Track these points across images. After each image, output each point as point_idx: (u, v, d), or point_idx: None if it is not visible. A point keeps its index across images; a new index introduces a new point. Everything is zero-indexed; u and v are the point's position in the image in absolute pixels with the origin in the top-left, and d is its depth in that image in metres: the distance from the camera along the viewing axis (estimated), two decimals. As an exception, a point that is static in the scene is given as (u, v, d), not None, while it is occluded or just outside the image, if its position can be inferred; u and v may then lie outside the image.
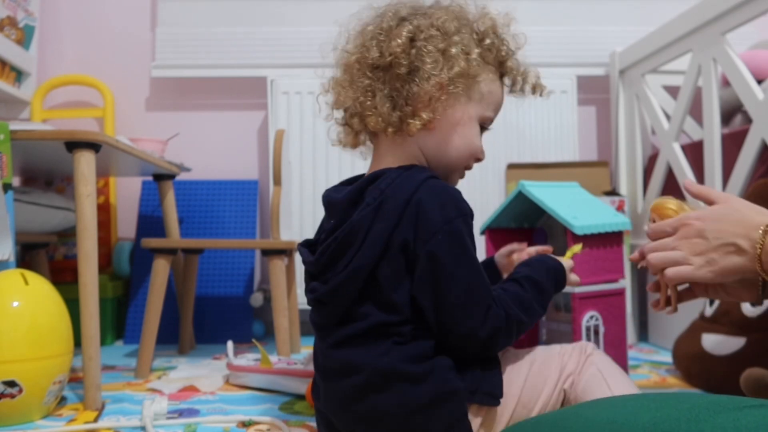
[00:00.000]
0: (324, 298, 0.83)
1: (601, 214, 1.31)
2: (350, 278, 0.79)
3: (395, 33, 0.83)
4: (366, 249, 0.78)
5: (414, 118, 0.83)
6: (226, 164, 2.32)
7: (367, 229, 0.79)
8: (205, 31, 2.29)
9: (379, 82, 0.84)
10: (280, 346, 1.63)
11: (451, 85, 0.83)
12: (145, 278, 2.12)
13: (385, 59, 0.83)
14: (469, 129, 0.86)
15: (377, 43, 0.84)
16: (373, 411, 0.78)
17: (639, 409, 0.52)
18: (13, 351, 1.13)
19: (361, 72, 0.85)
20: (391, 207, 0.78)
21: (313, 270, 0.85)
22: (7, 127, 1.27)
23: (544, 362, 0.87)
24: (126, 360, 1.79)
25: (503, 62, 0.91)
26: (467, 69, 0.83)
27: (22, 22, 2.12)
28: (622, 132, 2.17)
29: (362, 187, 0.83)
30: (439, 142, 0.86)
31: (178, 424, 1.15)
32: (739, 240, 0.77)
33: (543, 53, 2.29)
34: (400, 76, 0.83)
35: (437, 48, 0.82)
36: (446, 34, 0.84)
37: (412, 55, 0.82)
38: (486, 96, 0.88)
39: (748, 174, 1.50)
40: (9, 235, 1.26)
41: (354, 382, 0.79)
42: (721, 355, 1.31)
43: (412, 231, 0.78)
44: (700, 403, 0.51)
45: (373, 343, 0.79)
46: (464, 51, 0.84)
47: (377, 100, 0.83)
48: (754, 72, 1.56)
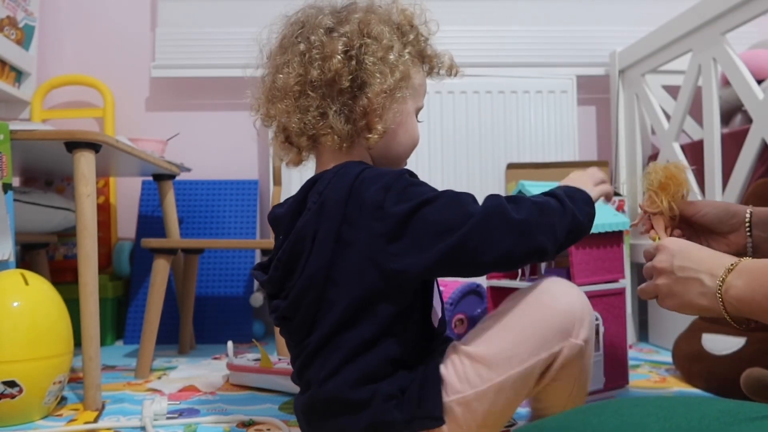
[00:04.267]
0: (287, 313, 0.82)
1: (601, 214, 1.31)
2: (308, 285, 0.78)
3: (330, 49, 0.82)
4: (316, 252, 0.77)
5: (371, 132, 0.83)
6: (226, 164, 2.32)
7: (314, 233, 0.78)
8: (205, 31, 2.28)
9: (327, 100, 0.82)
10: (280, 346, 1.63)
11: (397, 91, 0.83)
12: (145, 278, 2.11)
13: (326, 76, 0.81)
14: (410, 124, 0.89)
15: (312, 61, 0.82)
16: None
17: (647, 417, 0.51)
18: (13, 351, 1.13)
19: (303, 93, 0.83)
20: (332, 205, 0.77)
21: (270, 289, 0.84)
22: (7, 127, 1.27)
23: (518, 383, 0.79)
24: (126, 360, 1.79)
25: (422, 51, 0.91)
26: (405, 71, 0.84)
27: (22, 22, 2.12)
28: (622, 132, 2.17)
29: (303, 195, 0.82)
30: (388, 144, 0.87)
31: (178, 424, 1.15)
32: (702, 275, 0.76)
33: (543, 53, 2.29)
34: (345, 90, 0.82)
35: (377, 57, 0.82)
36: (378, 40, 0.83)
37: (353, 68, 0.82)
38: (418, 88, 0.89)
39: (748, 174, 1.50)
40: (9, 235, 1.26)
41: (304, 401, 0.82)
42: (721, 355, 1.31)
43: (362, 217, 0.76)
44: (709, 413, 0.49)
45: (325, 358, 0.78)
46: (399, 54, 0.84)
47: (330, 119, 0.82)
48: (754, 72, 1.55)
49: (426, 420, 0.76)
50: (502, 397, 0.77)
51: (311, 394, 0.80)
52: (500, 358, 0.77)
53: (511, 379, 0.77)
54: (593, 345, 0.86)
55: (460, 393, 0.77)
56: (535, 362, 0.78)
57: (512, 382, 0.77)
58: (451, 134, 2.17)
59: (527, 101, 2.20)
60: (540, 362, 0.78)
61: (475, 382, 0.77)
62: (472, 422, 0.77)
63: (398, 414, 0.76)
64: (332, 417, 0.78)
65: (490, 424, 0.79)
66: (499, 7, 2.34)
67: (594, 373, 1.21)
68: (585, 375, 0.86)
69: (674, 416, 0.50)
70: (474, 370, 0.77)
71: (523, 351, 0.78)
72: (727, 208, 0.97)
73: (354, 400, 0.76)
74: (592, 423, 0.52)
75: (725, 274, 0.73)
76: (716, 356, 1.32)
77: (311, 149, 0.90)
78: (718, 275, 0.74)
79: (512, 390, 0.78)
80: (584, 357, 0.83)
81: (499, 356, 0.77)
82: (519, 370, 0.77)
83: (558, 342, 0.79)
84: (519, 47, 2.30)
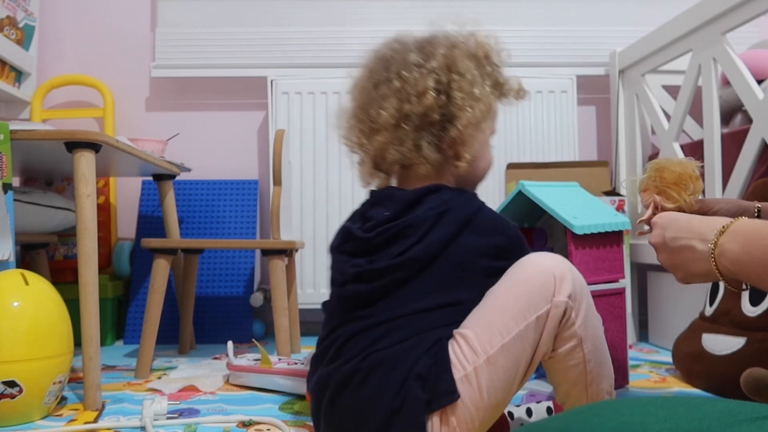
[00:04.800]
0: (367, 276, 0.86)
1: (601, 214, 1.31)
2: (403, 265, 0.84)
3: (422, 85, 0.89)
4: (426, 245, 0.84)
5: (460, 160, 0.91)
6: (226, 164, 2.32)
7: (428, 229, 0.85)
8: (205, 31, 2.29)
9: (420, 132, 0.89)
10: (280, 346, 1.63)
11: (482, 122, 0.91)
12: (145, 278, 2.12)
13: (420, 111, 0.88)
14: (488, 151, 0.97)
15: (408, 97, 0.89)
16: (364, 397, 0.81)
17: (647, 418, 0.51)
18: (13, 351, 1.13)
19: (399, 126, 0.89)
20: (456, 216, 0.86)
21: (362, 247, 0.88)
22: (7, 127, 1.27)
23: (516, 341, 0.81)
24: (126, 360, 1.79)
25: (497, 80, 0.97)
26: (489, 102, 0.92)
27: (22, 22, 2.12)
28: (622, 132, 2.17)
29: (422, 193, 0.89)
30: (474, 170, 0.94)
31: (178, 424, 1.15)
32: (695, 242, 0.78)
33: (543, 53, 2.29)
34: (436, 123, 0.89)
35: (465, 92, 0.89)
36: (464, 76, 0.90)
37: (442, 102, 0.89)
38: (494, 116, 0.96)
39: (748, 174, 1.50)
40: (9, 235, 1.26)
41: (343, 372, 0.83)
42: (721, 355, 1.31)
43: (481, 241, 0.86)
44: (710, 413, 0.49)
45: (386, 332, 0.82)
46: (482, 87, 0.91)
47: (424, 150, 0.90)
48: (754, 72, 1.55)
49: (441, 398, 0.78)
50: (500, 368, 0.79)
51: (354, 364, 0.81)
52: (488, 330, 0.80)
53: (504, 348, 0.79)
54: (592, 309, 0.85)
55: (461, 371, 0.79)
56: (524, 327, 0.80)
57: (506, 352, 0.79)
58: (451, 134, 2.17)
59: (527, 101, 2.20)
60: (530, 327, 0.80)
61: (471, 358, 0.79)
62: (477, 400, 0.79)
63: (421, 394, 0.78)
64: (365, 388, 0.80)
65: (494, 402, 0.80)
66: (499, 7, 2.34)
67: None
68: (593, 345, 0.85)
69: (675, 416, 0.50)
70: (469, 348, 0.80)
71: (509, 319, 0.80)
72: (738, 204, 0.98)
73: (395, 377, 0.79)
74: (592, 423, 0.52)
75: (717, 237, 0.74)
76: (716, 356, 1.32)
77: (399, 174, 0.96)
78: (710, 239, 0.75)
79: (508, 359, 0.80)
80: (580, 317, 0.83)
81: (487, 329, 0.80)
82: (509, 339, 0.80)
83: (542, 303, 0.81)
84: (519, 47, 2.29)
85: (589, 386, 0.85)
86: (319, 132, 2.16)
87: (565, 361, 0.84)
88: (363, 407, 0.79)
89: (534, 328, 0.80)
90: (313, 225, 2.13)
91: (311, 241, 2.13)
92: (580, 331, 0.83)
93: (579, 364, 0.84)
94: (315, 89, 2.18)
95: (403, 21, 2.28)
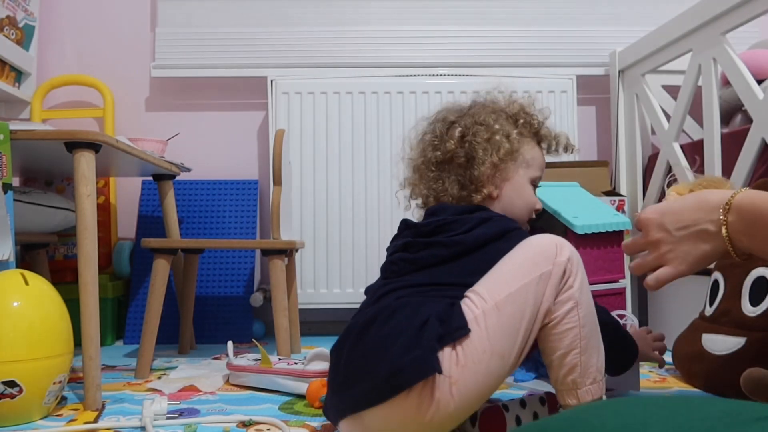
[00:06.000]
0: (413, 247, 0.99)
1: (601, 214, 1.31)
2: (447, 244, 0.97)
3: (449, 135, 1.09)
4: (468, 236, 0.98)
5: (478, 194, 1.07)
6: (226, 164, 2.32)
7: (473, 227, 0.99)
8: (205, 31, 2.29)
9: (445, 173, 1.09)
10: (280, 346, 1.63)
11: (501, 163, 1.07)
12: (145, 278, 2.12)
13: (445, 156, 1.09)
14: (524, 190, 1.10)
15: (434, 146, 1.10)
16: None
17: (648, 417, 0.51)
18: (13, 351, 1.13)
19: (428, 169, 1.10)
20: (495, 225, 1.00)
21: (416, 231, 1.03)
22: (7, 127, 1.27)
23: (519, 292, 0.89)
24: (126, 360, 1.79)
25: (537, 132, 1.14)
26: (510, 147, 1.07)
27: (22, 22, 2.12)
28: (622, 132, 2.17)
29: (473, 208, 1.05)
30: (503, 206, 1.09)
31: (178, 424, 1.15)
32: (705, 225, 0.78)
33: (543, 53, 2.29)
34: (461, 165, 1.08)
35: (484, 139, 1.07)
36: (488, 126, 1.08)
37: (466, 148, 1.07)
38: (530, 161, 1.11)
39: (748, 174, 1.50)
40: (9, 235, 1.26)
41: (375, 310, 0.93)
42: (721, 355, 1.31)
43: None
44: (712, 413, 0.49)
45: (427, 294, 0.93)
46: (505, 134, 1.08)
47: (446, 185, 1.08)
48: (754, 72, 1.55)
49: (454, 332, 0.85)
50: (506, 314, 0.87)
51: (382, 304, 0.91)
52: (497, 283, 0.90)
53: (511, 297, 0.88)
54: (587, 284, 0.93)
55: (470, 314, 0.88)
56: (529, 281, 0.89)
57: (512, 300, 0.88)
58: (451, 134, 2.17)
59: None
60: (533, 282, 0.89)
61: (480, 304, 0.88)
62: (486, 342, 0.86)
63: (438, 329, 0.85)
64: (391, 321, 0.87)
65: (499, 350, 0.86)
66: (499, 7, 2.34)
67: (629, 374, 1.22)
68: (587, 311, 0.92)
69: (676, 416, 0.50)
70: (478, 297, 0.89)
71: (517, 274, 0.90)
72: None
73: (418, 316, 0.87)
74: (592, 423, 0.52)
75: (723, 215, 0.76)
76: (716, 356, 1.32)
77: None
78: (717, 220, 0.77)
79: (513, 307, 0.88)
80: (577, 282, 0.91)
81: (496, 282, 0.90)
82: (515, 289, 0.89)
83: (545, 263, 0.90)
84: (519, 47, 2.30)
85: (582, 354, 0.91)
86: (319, 132, 2.16)
87: (561, 325, 0.90)
88: (386, 340, 0.85)
89: (537, 282, 0.89)
90: (313, 225, 2.13)
91: (311, 241, 2.13)
92: (577, 295, 0.91)
93: (574, 327, 0.90)
94: (315, 89, 2.18)
95: (403, 21, 2.29)
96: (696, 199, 0.81)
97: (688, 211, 0.81)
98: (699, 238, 0.79)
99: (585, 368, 0.91)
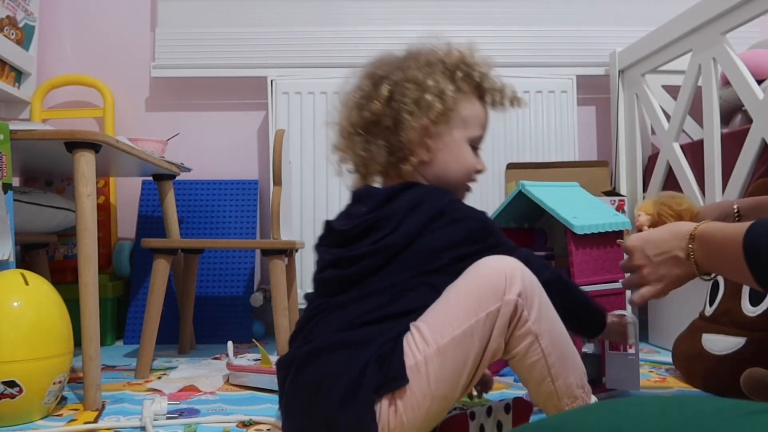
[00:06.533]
0: (343, 263, 0.91)
1: (600, 214, 1.31)
2: (377, 252, 0.89)
3: (376, 94, 0.96)
4: (397, 234, 0.89)
5: (406, 163, 0.96)
6: (226, 164, 2.32)
7: (401, 219, 0.90)
8: (205, 31, 2.28)
9: (372, 137, 0.97)
10: (280, 346, 1.63)
11: (433, 126, 0.95)
12: (145, 278, 2.12)
13: (371, 118, 0.96)
14: (460, 152, 0.99)
15: (360, 107, 0.98)
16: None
17: (642, 416, 0.52)
18: (13, 351, 1.13)
19: (355, 133, 0.98)
20: (426, 209, 0.91)
21: (341, 238, 0.95)
22: (7, 127, 1.27)
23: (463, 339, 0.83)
24: (126, 360, 1.79)
25: (479, 85, 1.00)
26: (443, 108, 0.95)
27: (22, 22, 2.12)
28: (622, 132, 2.17)
29: (398, 190, 0.95)
30: (437, 172, 0.98)
31: (178, 424, 1.15)
32: (677, 252, 0.92)
33: (543, 53, 2.29)
34: (389, 128, 0.96)
35: (412, 99, 0.94)
36: (419, 83, 0.95)
37: (393, 110, 0.95)
38: (468, 120, 0.99)
39: (747, 174, 1.50)
40: (9, 235, 1.26)
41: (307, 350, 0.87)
42: (721, 355, 1.31)
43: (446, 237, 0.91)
44: (704, 410, 0.50)
45: (352, 313, 0.86)
46: (437, 92, 0.95)
47: (374, 152, 0.97)
48: (754, 72, 1.55)
49: (391, 382, 0.81)
50: (449, 359, 0.82)
51: (321, 341, 0.85)
52: (440, 323, 0.83)
53: (455, 341, 0.82)
54: (547, 306, 0.88)
55: (411, 359, 0.82)
56: (475, 322, 0.83)
57: (456, 345, 0.82)
58: (451, 134, 2.17)
59: (527, 101, 2.20)
60: (480, 322, 0.83)
61: (422, 347, 0.82)
62: (425, 388, 0.81)
63: (377, 377, 0.81)
64: (330, 362, 0.83)
65: (441, 393, 0.82)
66: (499, 7, 2.34)
67: (629, 374, 1.21)
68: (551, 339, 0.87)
69: (669, 414, 0.50)
70: (421, 338, 0.83)
71: (461, 314, 0.83)
72: (720, 208, 1.10)
73: (358, 358, 0.82)
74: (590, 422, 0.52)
75: (689, 244, 0.90)
76: (716, 356, 1.32)
77: (375, 176, 1.03)
78: (685, 247, 0.91)
79: (457, 352, 0.82)
80: (533, 314, 0.85)
81: (439, 322, 0.84)
82: (459, 332, 0.82)
83: (493, 301, 0.84)
84: (519, 47, 2.30)
85: (555, 381, 0.87)
86: (319, 132, 2.16)
87: (525, 360, 0.86)
88: (323, 382, 0.82)
89: (484, 323, 0.83)
90: (313, 225, 2.13)
91: (311, 241, 2.11)
92: (535, 327, 0.85)
93: (539, 360, 0.86)
94: (315, 89, 2.18)
95: (402, 21, 2.28)
96: (671, 229, 0.95)
97: (664, 239, 0.94)
98: (672, 263, 0.93)
99: (563, 392, 0.88)
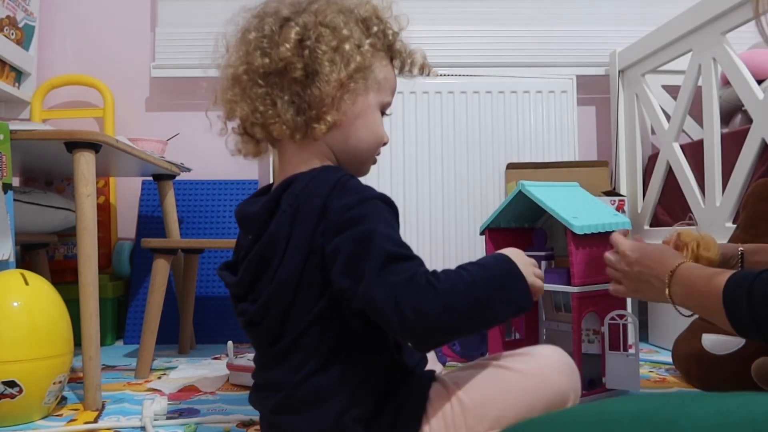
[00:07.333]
0: (256, 318, 0.80)
1: (601, 214, 1.31)
2: (279, 290, 0.77)
3: (283, 37, 0.80)
4: (289, 257, 0.76)
5: (319, 122, 0.80)
6: (226, 164, 2.31)
7: (288, 237, 0.76)
8: (205, 31, 2.27)
9: (277, 89, 0.81)
10: (280, 346, 1.63)
11: (351, 82, 0.81)
12: (145, 278, 2.11)
13: (276, 65, 0.80)
14: (372, 119, 0.85)
15: (263, 49, 0.81)
16: None
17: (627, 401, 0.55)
18: (13, 351, 1.13)
19: (253, 82, 0.82)
20: (309, 211, 0.76)
21: (239, 291, 0.83)
22: (7, 127, 1.27)
23: None
24: (126, 360, 1.79)
25: (391, 46, 0.87)
26: (363, 62, 0.81)
27: (22, 22, 2.12)
28: (622, 132, 2.17)
29: (277, 196, 0.80)
30: (346, 138, 0.84)
31: (178, 424, 1.15)
32: (652, 279, 1.00)
33: (543, 53, 2.29)
34: (298, 80, 0.80)
35: (330, 47, 0.79)
36: (335, 30, 0.80)
37: (306, 58, 0.80)
38: (382, 83, 0.85)
39: (747, 174, 1.50)
40: (9, 235, 1.26)
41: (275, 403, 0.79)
42: (721, 355, 1.31)
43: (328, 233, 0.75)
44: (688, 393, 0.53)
45: (293, 364, 0.77)
46: (357, 44, 0.81)
47: (279, 107, 0.81)
48: (754, 72, 1.55)
49: None
50: None
51: (283, 395, 0.78)
52: (491, 416, 0.77)
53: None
54: None
55: (441, 423, 0.76)
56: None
57: None
58: (451, 134, 2.17)
59: (527, 101, 2.21)
60: None
61: (460, 430, 0.76)
62: None
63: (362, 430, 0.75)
64: (305, 412, 0.77)
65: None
66: (499, 7, 2.33)
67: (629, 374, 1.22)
68: None
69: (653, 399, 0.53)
70: (463, 419, 0.76)
71: (512, 414, 0.77)
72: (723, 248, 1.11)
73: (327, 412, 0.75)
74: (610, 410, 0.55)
75: (668, 279, 0.96)
76: (716, 356, 1.32)
77: (268, 141, 0.88)
78: (664, 280, 0.97)
79: None
80: None
81: (490, 414, 0.77)
82: (499, 429, 0.76)
83: (541, 414, 0.78)
84: (519, 47, 2.30)
85: None
86: (319, 132, 2.15)
87: None
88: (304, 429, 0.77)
89: None
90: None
91: (311, 241, 2.13)
92: None
93: None
94: (315, 89, 2.17)
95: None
96: (660, 253, 1.02)
97: (650, 258, 1.01)
98: (645, 284, 1.02)
99: None
